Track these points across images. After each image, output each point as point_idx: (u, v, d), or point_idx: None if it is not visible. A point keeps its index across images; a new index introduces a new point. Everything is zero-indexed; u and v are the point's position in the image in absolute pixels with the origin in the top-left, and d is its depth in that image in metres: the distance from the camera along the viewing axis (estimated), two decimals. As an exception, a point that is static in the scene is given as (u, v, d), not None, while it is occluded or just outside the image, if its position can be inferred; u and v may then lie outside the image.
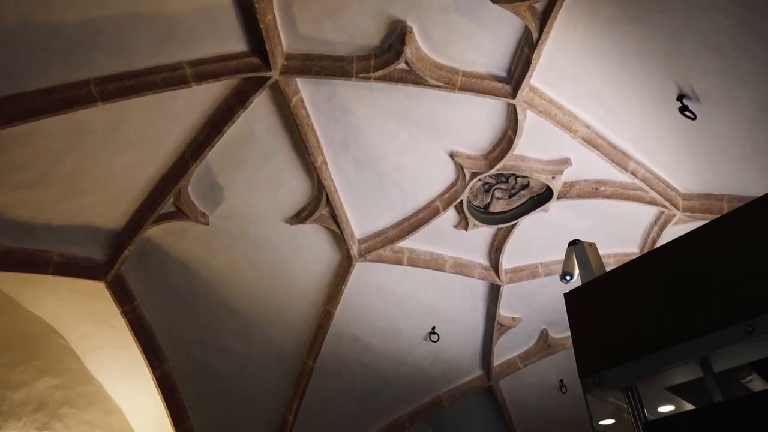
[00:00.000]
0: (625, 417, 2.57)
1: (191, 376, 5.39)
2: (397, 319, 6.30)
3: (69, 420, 5.41)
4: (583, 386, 2.45)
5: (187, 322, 5.27)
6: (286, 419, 5.89)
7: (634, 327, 2.29)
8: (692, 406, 2.39)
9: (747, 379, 2.43)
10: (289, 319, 5.62)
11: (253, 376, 5.63)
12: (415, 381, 7.04)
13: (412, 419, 7.30)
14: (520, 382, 8.16)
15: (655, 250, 2.46)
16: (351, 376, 6.28)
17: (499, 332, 7.31)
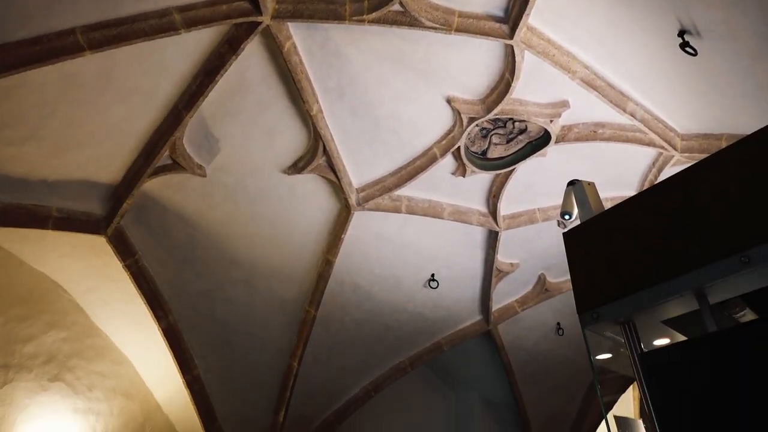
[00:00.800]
0: (621, 351, 2.65)
1: (196, 327, 5.49)
2: (397, 267, 6.38)
3: (79, 371, 5.55)
4: (582, 322, 2.50)
5: (189, 274, 5.33)
6: (291, 366, 6.05)
7: (631, 263, 2.32)
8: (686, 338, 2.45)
9: (740, 314, 2.48)
10: (290, 269, 5.68)
11: (256, 325, 5.74)
12: (416, 327, 7.20)
13: (413, 364, 7.52)
14: (518, 326, 8.35)
15: (653, 187, 2.46)
16: (353, 323, 6.41)
17: (498, 278, 7.42)
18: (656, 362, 2.21)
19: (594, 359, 2.62)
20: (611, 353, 3.03)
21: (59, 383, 5.40)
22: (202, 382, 5.59)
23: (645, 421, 2.43)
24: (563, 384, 9.54)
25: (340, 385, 6.78)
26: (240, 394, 5.84)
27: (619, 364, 3.09)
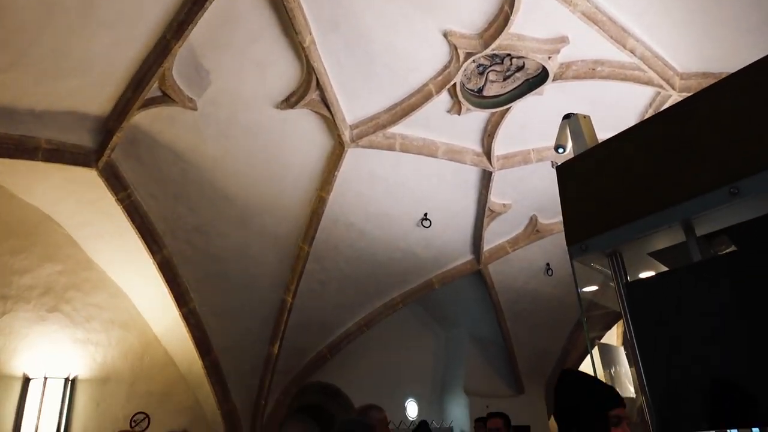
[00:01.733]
0: (608, 284, 2.71)
1: (191, 261, 5.55)
2: (390, 206, 6.41)
3: (76, 303, 5.66)
4: (570, 254, 2.55)
5: (182, 209, 5.33)
6: (285, 301, 6.17)
7: (621, 195, 2.35)
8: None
9: (725, 251, 2.53)
10: (284, 205, 5.69)
11: (251, 260, 5.81)
12: (408, 265, 7.31)
13: (404, 300, 7.69)
14: (509, 265, 8.50)
15: (647, 120, 2.46)
16: (346, 260, 6.50)
17: (490, 218, 7.48)
18: (640, 291, 2.27)
19: (581, 291, 2.68)
20: (597, 285, 3.10)
21: (57, 314, 5.52)
22: (198, 314, 5.71)
23: (626, 349, 2.52)
24: (550, 322, 9.83)
25: (334, 319, 6.95)
26: (235, 327, 5.99)
27: (605, 297, 3.16)
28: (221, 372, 5.98)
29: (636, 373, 2.26)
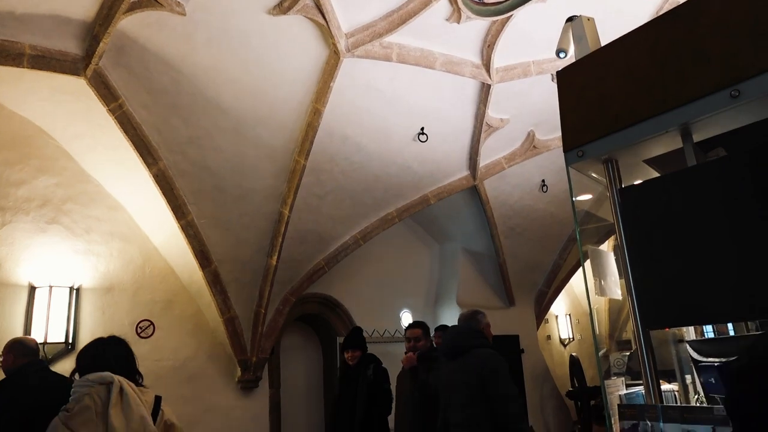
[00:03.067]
0: (601, 193, 2.75)
1: (187, 174, 5.53)
2: (387, 119, 6.32)
3: (75, 215, 5.70)
4: (567, 160, 2.56)
5: (176, 120, 5.24)
6: (283, 213, 6.23)
7: (621, 99, 2.32)
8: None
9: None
10: (278, 117, 5.61)
11: (247, 173, 5.80)
12: (404, 180, 7.33)
13: (400, 215, 7.78)
14: (504, 181, 8.54)
15: (651, 22, 2.37)
16: (342, 174, 6.51)
17: (487, 133, 7.43)
18: (633, 196, 2.31)
19: (575, 200, 2.72)
20: (591, 194, 3.14)
21: (57, 226, 5.58)
22: (196, 226, 5.77)
23: (616, 254, 2.59)
24: (542, 238, 10.03)
25: (331, 232, 7.05)
26: (234, 239, 6.08)
27: (598, 207, 3.21)
28: (221, 282, 6.14)
29: (624, 276, 2.34)
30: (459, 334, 3.74)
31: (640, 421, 2.13)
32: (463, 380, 3.39)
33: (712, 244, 2.08)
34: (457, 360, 3.55)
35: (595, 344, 2.55)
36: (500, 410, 3.20)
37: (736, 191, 2.06)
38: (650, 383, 2.21)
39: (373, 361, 5.14)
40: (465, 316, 4.00)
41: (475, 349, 3.56)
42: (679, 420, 2.02)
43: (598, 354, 2.58)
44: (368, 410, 4.84)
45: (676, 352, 4.72)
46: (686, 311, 2.15)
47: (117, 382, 2.72)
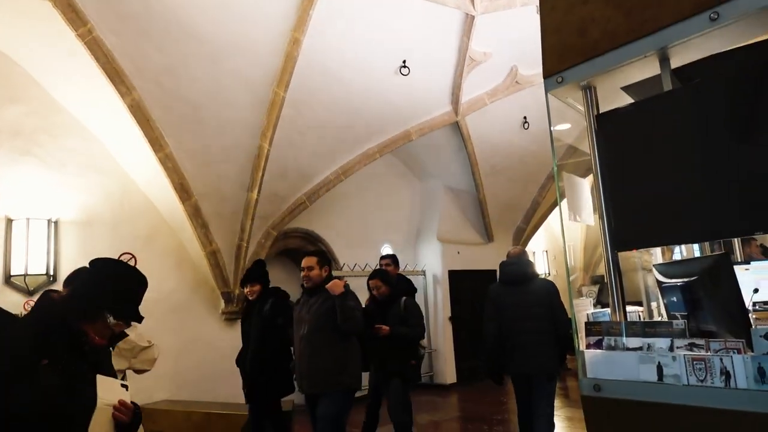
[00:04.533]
0: (579, 121, 2.77)
1: (163, 104, 5.40)
2: (368, 51, 6.18)
3: (48, 147, 5.58)
4: (546, 87, 2.56)
5: (149, 48, 5.06)
6: (262, 147, 6.17)
7: (602, 24, 2.30)
8: (642, 103, 2.55)
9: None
10: (256, 47, 5.44)
11: (225, 105, 5.68)
12: (386, 114, 7.26)
13: (382, 151, 7.76)
14: (486, 118, 8.51)
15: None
16: (323, 107, 6.41)
17: (470, 67, 7.33)
18: (610, 121, 2.34)
19: (553, 129, 2.74)
20: (569, 123, 3.16)
21: (31, 158, 5.46)
22: (175, 159, 5.69)
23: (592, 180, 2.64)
24: (522, 175, 10.13)
25: (311, 168, 7.03)
26: (213, 173, 6.03)
27: (576, 138, 3.24)
28: (203, 216, 6.14)
29: (597, 200, 2.40)
30: (525, 266, 4.73)
31: (605, 336, 2.25)
32: (536, 299, 4.45)
33: (682, 168, 2.13)
34: (524, 285, 4.55)
35: (567, 271, 2.63)
36: (561, 318, 4.36)
37: (709, 117, 2.10)
38: (616, 302, 2.33)
39: (273, 296, 4.73)
40: (516, 253, 4.99)
41: (537, 277, 4.77)
42: (640, 334, 2.14)
43: (569, 278, 2.68)
44: (261, 345, 4.49)
45: (643, 281, 4.92)
46: (654, 233, 2.24)
47: None
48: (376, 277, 5.06)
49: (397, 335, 4.75)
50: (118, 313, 1.88)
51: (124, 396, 1.86)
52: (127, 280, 1.99)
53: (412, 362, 4.85)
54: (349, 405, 3.95)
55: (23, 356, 1.67)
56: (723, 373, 1.84)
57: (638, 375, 2.07)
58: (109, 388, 1.83)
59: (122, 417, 1.80)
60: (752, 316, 2.45)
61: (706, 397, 1.86)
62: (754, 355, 1.78)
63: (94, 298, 1.88)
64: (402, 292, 5.08)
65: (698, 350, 1.94)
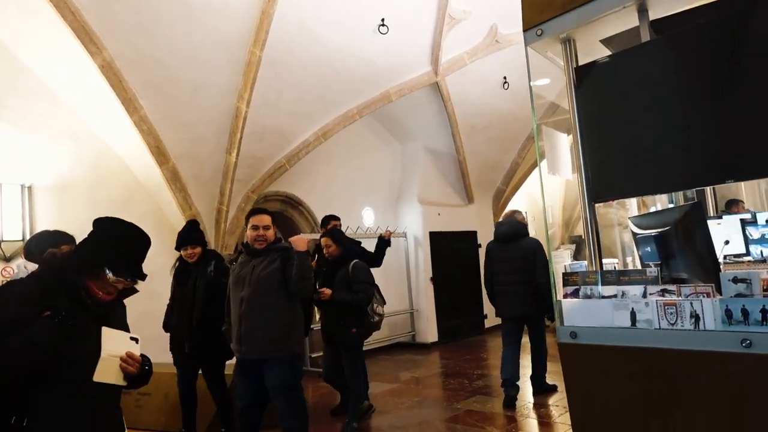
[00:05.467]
0: (559, 78, 2.78)
1: (136, 65, 5.24)
2: (346, 8, 6.04)
3: (19, 110, 5.42)
4: (525, 40, 2.56)
5: (119, 6, 4.86)
6: (240, 108, 6.06)
7: (582, -25, 2.29)
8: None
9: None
10: (231, 4, 5.28)
11: (200, 65, 5.54)
12: (365, 75, 7.16)
13: (362, 112, 7.68)
14: (465, 78, 8.46)
15: None
16: (301, 67, 6.29)
17: (449, 25, 7.24)
18: (588, 73, 2.35)
19: (533, 84, 2.74)
20: (548, 78, 3.17)
21: (2, 122, 5.30)
22: (150, 122, 5.56)
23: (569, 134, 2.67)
24: (502, 136, 10.16)
25: (291, 129, 6.94)
26: (190, 135, 5.92)
27: (555, 93, 3.25)
28: (181, 180, 6.06)
29: (576, 153, 2.44)
30: (516, 226, 5.46)
31: (581, 285, 2.32)
32: (522, 255, 5.25)
33: (658, 119, 2.17)
34: (513, 242, 5.37)
35: (545, 221, 2.67)
36: (540, 272, 5.11)
37: (686, 68, 2.13)
38: (592, 252, 2.39)
39: (214, 258, 4.55)
40: (508, 215, 5.85)
41: (526, 236, 5.46)
42: (615, 282, 2.21)
43: (548, 231, 2.75)
44: (207, 309, 4.27)
45: (619, 237, 5.03)
46: (631, 184, 2.29)
47: None
48: (327, 235, 4.88)
49: (339, 301, 4.59)
50: (117, 270, 1.92)
51: (132, 348, 1.96)
52: (128, 237, 2.04)
53: (353, 330, 4.65)
54: (299, 371, 3.77)
55: (29, 307, 1.76)
56: (693, 317, 1.92)
57: (612, 321, 2.14)
58: (117, 341, 1.92)
59: (129, 368, 1.90)
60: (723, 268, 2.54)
61: (676, 339, 1.95)
62: (722, 298, 1.86)
63: (94, 254, 1.93)
64: (355, 255, 4.93)
65: (670, 296, 2.02)
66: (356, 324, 4.66)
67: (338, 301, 4.58)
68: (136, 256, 2.02)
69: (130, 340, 1.98)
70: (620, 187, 2.32)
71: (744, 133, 1.95)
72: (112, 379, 1.87)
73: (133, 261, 2.01)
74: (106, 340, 1.88)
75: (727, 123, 1.99)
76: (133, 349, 1.96)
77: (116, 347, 1.90)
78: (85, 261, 1.92)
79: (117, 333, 1.95)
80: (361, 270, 4.73)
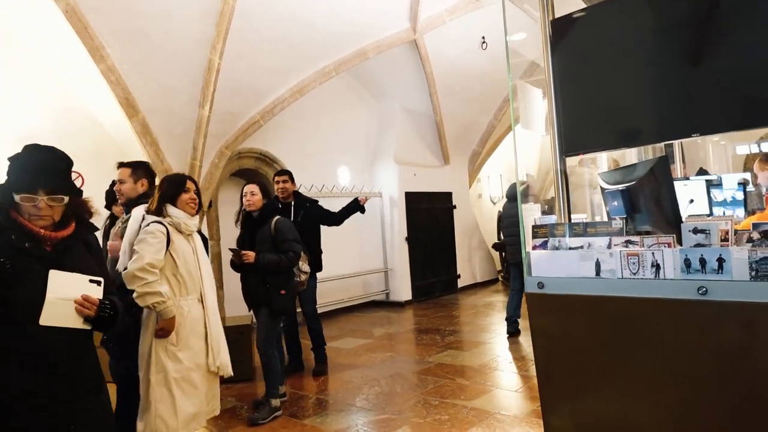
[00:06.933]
0: (535, 34, 2.76)
1: (102, 11, 5.00)
2: (323, -42, 5.86)
3: (-23, 56, 5.17)
4: (503, -9, 2.53)
5: (82, -54, 4.64)
6: (212, 61, 5.89)
7: None
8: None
9: None
10: (201, -52, 5.07)
11: (171, 14, 5.32)
12: (343, 30, 7.01)
13: (338, 69, 7.54)
14: (444, 37, 8.35)
15: None
16: (276, 20, 6.11)
17: (429, -20, 7.08)
18: (564, 26, 2.35)
19: (509, 39, 2.72)
20: (525, 33, 3.15)
21: (-43, 68, 5.07)
22: (118, 72, 5.38)
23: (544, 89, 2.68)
24: (479, 97, 10.13)
25: (265, 85, 6.79)
26: (161, 87, 5.74)
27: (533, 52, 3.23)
28: (152, 133, 5.91)
29: (549, 108, 2.45)
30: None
31: (550, 237, 2.38)
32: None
33: (630, 74, 2.19)
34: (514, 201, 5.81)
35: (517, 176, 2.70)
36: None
37: (663, 20, 2.14)
38: (562, 205, 2.44)
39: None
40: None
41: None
42: (582, 234, 2.27)
43: (519, 186, 2.77)
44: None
45: (589, 197, 5.13)
46: (602, 137, 2.32)
47: None
48: (252, 182, 4.48)
49: (263, 264, 4.15)
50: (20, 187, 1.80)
51: (91, 291, 1.87)
52: (32, 153, 1.91)
53: (281, 292, 4.22)
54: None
55: None
56: (654, 266, 1.99)
57: (578, 272, 2.21)
58: (70, 284, 1.83)
59: (84, 311, 1.83)
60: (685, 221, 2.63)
61: (637, 287, 2.02)
62: (682, 248, 1.93)
63: (3, 184, 1.83)
64: (276, 211, 4.46)
65: (633, 247, 2.09)
66: (284, 285, 4.25)
67: (265, 264, 4.13)
68: (39, 167, 1.86)
69: (89, 283, 1.88)
70: (592, 141, 2.36)
71: (711, 90, 1.98)
72: (65, 323, 1.80)
73: (38, 172, 1.84)
74: (55, 284, 1.79)
75: (696, 79, 2.02)
76: (93, 291, 1.87)
77: (68, 291, 1.82)
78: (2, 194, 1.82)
79: (70, 276, 1.85)
80: (286, 227, 4.31)
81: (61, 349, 1.82)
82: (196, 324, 3.07)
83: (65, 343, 1.83)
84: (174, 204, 3.12)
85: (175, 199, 3.14)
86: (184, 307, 3.04)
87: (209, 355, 3.10)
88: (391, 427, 3.83)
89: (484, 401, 4.23)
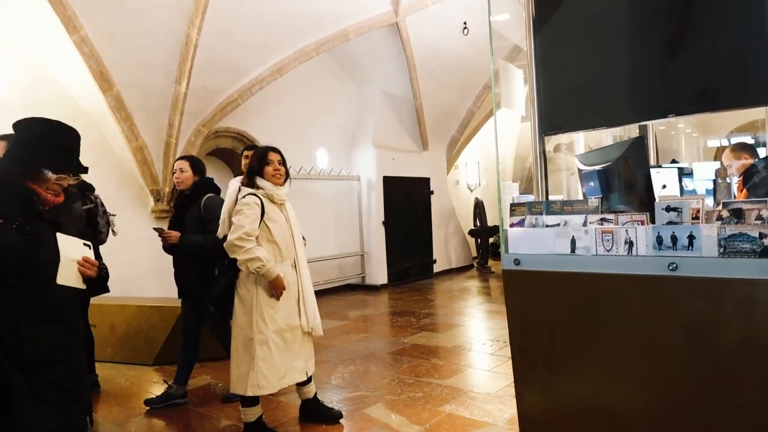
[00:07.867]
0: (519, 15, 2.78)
1: (75, -21, 4.88)
2: (305, -66, 5.77)
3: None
4: (487, -32, 2.53)
5: None
6: (190, 36, 5.77)
7: None
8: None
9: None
10: None
11: (147, -16, 5.21)
12: (324, 9, 6.93)
13: (318, 49, 7.48)
14: (426, 21, 8.33)
15: None
16: (256, -4, 6.01)
17: (412, -38, 7.03)
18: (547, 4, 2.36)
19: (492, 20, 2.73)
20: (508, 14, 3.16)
21: None
22: (92, 43, 5.23)
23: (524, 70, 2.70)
24: (460, 83, 10.15)
25: (244, 62, 6.70)
26: (136, 61, 5.61)
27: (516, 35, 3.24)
28: (126, 108, 5.78)
29: (530, 87, 2.47)
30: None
31: (527, 215, 2.41)
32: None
33: (613, 52, 2.22)
34: None
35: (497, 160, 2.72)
36: None
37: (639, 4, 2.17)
38: (539, 184, 2.47)
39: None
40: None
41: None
42: (559, 212, 2.31)
43: (499, 167, 2.81)
44: None
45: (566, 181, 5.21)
46: (581, 117, 2.35)
47: None
48: (183, 157, 4.04)
49: (188, 245, 3.71)
50: (56, 167, 1.91)
51: (87, 253, 1.98)
52: (57, 132, 1.99)
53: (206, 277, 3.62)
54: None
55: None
56: (627, 243, 2.04)
57: (554, 249, 2.25)
58: (72, 246, 1.94)
59: (87, 272, 1.94)
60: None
61: (610, 264, 2.07)
62: (654, 226, 1.98)
63: (29, 157, 1.90)
64: (210, 190, 3.90)
65: (608, 224, 2.13)
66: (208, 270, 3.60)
67: (189, 246, 3.71)
68: (71, 149, 1.99)
69: (83, 246, 1.99)
70: (571, 121, 2.39)
71: (686, 71, 2.03)
72: (74, 282, 1.91)
73: (70, 154, 1.98)
74: (63, 246, 1.89)
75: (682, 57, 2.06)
76: (88, 253, 1.98)
77: (72, 252, 1.92)
78: (25, 165, 1.88)
79: (71, 239, 1.95)
80: (216, 205, 3.67)
81: (70, 305, 1.96)
82: (291, 288, 3.28)
83: (71, 301, 1.96)
84: (262, 176, 3.25)
85: (262, 172, 3.27)
86: (280, 273, 3.19)
87: (302, 316, 3.33)
88: (366, 403, 3.87)
89: (458, 380, 4.30)
